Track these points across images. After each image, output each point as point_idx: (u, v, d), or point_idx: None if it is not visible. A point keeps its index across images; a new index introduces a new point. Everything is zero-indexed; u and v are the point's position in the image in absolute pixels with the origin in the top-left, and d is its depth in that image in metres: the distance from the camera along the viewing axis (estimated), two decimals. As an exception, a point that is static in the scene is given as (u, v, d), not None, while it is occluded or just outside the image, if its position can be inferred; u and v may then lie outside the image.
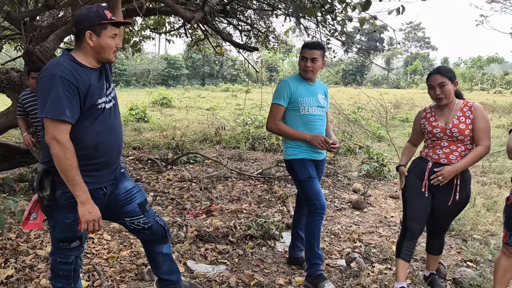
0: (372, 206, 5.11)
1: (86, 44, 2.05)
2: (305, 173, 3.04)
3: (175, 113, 15.93)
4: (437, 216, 2.86)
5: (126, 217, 2.33)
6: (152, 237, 2.44)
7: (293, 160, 3.09)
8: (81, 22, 2.04)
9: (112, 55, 2.12)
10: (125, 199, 2.31)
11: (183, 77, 42.82)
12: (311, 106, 3.06)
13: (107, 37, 2.06)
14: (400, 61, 64.45)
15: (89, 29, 2.03)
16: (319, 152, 3.12)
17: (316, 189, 3.03)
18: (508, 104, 18.09)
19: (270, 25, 7.35)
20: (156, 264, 2.55)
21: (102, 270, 3.17)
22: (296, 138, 3.05)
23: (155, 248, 2.50)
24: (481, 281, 3.14)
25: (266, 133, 8.93)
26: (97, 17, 2.03)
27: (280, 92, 3.05)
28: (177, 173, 6.38)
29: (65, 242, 2.20)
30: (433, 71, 2.78)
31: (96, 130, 2.09)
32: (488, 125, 2.69)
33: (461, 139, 2.69)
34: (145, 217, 2.37)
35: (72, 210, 2.09)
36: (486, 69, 51.67)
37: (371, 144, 8.88)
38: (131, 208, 2.32)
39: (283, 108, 3.06)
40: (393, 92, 31.22)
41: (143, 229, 2.39)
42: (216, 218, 4.49)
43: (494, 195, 5.44)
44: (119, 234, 3.91)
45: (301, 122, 3.06)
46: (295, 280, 3.15)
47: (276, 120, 3.08)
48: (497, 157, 7.82)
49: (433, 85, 2.74)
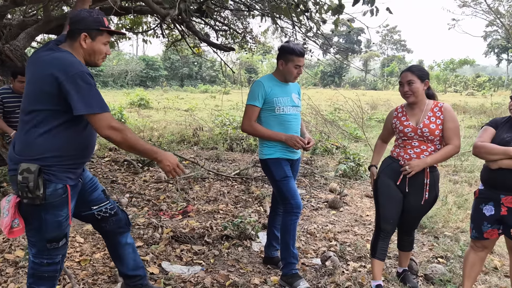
0: (348, 206, 5.17)
1: (79, 45, 2.12)
2: (281, 173, 3.06)
3: (153, 114, 15.77)
4: (408, 215, 2.91)
5: (93, 205, 2.39)
6: (118, 224, 2.50)
7: (269, 160, 3.10)
8: (79, 22, 2.11)
9: (101, 60, 2.22)
10: (91, 186, 2.39)
11: (162, 78, 42.41)
12: (286, 106, 3.08)
13: (101, 42, 2.16)
14: (377, 63, 65.52)
15: (86, 31, 2.11)
16: (294, 152, 3.14)
17: (291, 188, 3.05)
18: (479, 105, 18.61)
19: (247, 25, 7.36)
20: (123, 259, 2.57)
21: (74, 273, 3.10)
22: (272, 138, 3.06)
23: (120, 239, 2.54)
24: (451, 277, 3.22)
25: (244, 134, 8.93)
26: (96, 22, 2.12)
27: (255, 93, 3.06)
28: (153, 174, 6.31)
29: (53, 242, 2.17)
30: (405, 69, 2.86)
31: (88, 133, 2.20)
32: (457, 126, 2.76)
33: (431, 139, 2.75)
34: (110, 202, 2.47)
35: (63, 207, 2.13)
36: (458, 72, 53.12)
37: (348, 144, 8.99)
38: (97, 194, 2.41)
39: (258, 108, 3.07)
40: (370, 94, 31.72)
41: (110, 216, 2.45)
42: (192, 219, 4.47)
43: (465, 193, 5.58)
44: (93, 236, 3.84)
45: (276, 122, 3.07)
46: (270, 279, 3.16)
47: (251, 121, 3.08)
48: (468, 157, 8.03)
49: (402, 82, 2.82)
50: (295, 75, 3.07)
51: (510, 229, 2.55)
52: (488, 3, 28.88)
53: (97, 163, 6.99)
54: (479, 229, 2.66)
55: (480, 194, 2.67)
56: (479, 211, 2.65)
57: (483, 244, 2.72)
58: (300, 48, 3.05)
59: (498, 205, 2.56)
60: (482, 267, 2.85)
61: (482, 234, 2.66)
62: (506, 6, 28.98)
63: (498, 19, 29.64)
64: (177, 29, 7.36)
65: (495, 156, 2.50)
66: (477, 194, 2.71)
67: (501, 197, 2.53)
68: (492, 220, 2.60)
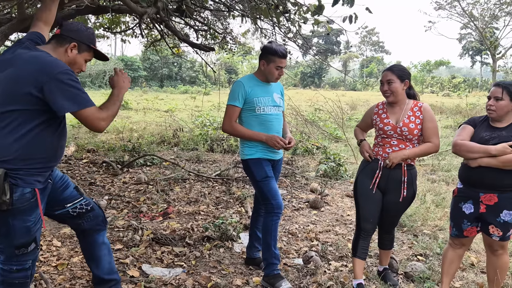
0: (329, 205, 5.21)
1: (64, 51, 2.13)
2: (262, 173, 3.05)
3: (132, 115, 15.55)
4: (387, 213, 2.95)
5: (67, 203, 2.34)
6: (95, 221, 2.45)
7: (250, 160, 3.09)
8: (73, 32, 2.15)
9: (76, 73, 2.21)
10: (62, 185, 2.35)
11: (141, 79, 41.89)
12: (267, 106, 3.07)
13: (84, 58, 2.21)
14: (357, 64, 66.37)
15: (77, 42, 2.14)
16: (275, 152, 3.14)
17: (273, 188, 3.04)
18: (454, 106, 19.03)
19: (227, 26, 7.33)
20: (98, 260, 2.52)
21: (51, 278, 3.03)
22: (252, 139, 3.06)
23: (96, 238, 2.49)
24: (430, 274, 3.27)
25: (225, 135, 8.89)
26: (89, 38, 2.19)
27: (235, 93, 3.05)
28: (133, 176, 6.22)
29: (22, 248, 2.10)
30: (386, 68, 2.90)
31: (60, 135, 2.16)
32: (436, 125, 2.82)
33: (409, 138, 2.78)
34: (84, 198, 2.42)
35: (31, 212, 2.07)
36: (435, 73, 54.30)
37: (328, 144, 9.06)
38: (69, 192, 2.37)
39: (238, 109, 3.06)
40: (349, 94, 32.06)
41: (86, 211, 2.40)
42: (173, 221, 4.42)
43: (443, 191, 5.69)
44: (70, 240, 3.75)
45: (257, 122, 3.06)
46: (252, 280, 3.15)
47: (231, 122, 3.07)
48: (445, 156, 8.20)
49: (382, 81, 2.86)
50: (276, 76, 3.06)
51: (489, 226, 2.61)
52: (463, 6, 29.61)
53: (75, 165, 6.85)
54: (459, 227, 2.72)
55: (459, 193, 2.72)
56: (458, 209, 2.70)
57: (462, 242, 2.78)
58: (282, 49, 3.05)
59: (477, 203, 2.62)
60: (460, 264, 2.91)
61: (462, 232, 2.72)
62: (480, 10, 29.78)
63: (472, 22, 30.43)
64: (156, 29, 7.27)
65: (475, 154, 2.55)
66: (456, 192, 2.76)
67: (480, 195, 2.59)
68: (472, 218, 2.66)
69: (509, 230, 2.60)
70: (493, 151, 2.48)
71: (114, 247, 3.61)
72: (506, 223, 2.56)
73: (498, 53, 30.58)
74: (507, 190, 2.54)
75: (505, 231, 2.59)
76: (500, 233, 2.59)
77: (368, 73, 57.92)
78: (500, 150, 2.47)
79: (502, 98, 2.55)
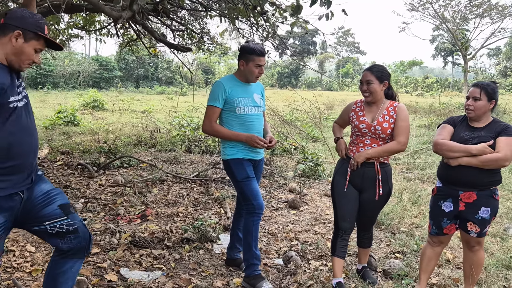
0: (308, 205, 5.24)
1: (7, 40, 1.96)
2: (243, 173, 3.04)
3: (108, 116, 15.28)
4: (365, 211, 2.99)
5: (46, 221, 2.11)
6: (77, 244, 2.20)
7: (231, 160, 3.08)
8: (17, 19, 1.97)
9: (26, 65, 2.03)
10: (43, 201, 2.12)
11: (116, 79, 41.15)
12: (247, 106, 3.07)
13: (32, 47, 2.01)
14: (332, 64, 67.07)
15: (21, 29, 1.96)
16: (257, 152, 3.14)
17: (254, 189, 3.04)
18: (428, 105, 19.49)
19: (204, 26, 7.29)
20: (56, 285, 2.24)
21: (25, 284, 2.93)
22: (232, 139, 3.05)
23: (68, 262, 2.23)
24: (408, 271, 3.33)
25: (203, 135, 8.84)
26: (36, 26, 2.00)
27: (215, 93, 3.03)
28: (109, 178, 6.10)
29: None
30: (366, 67, 2.94)
31: (9, 130, 1.93)
32: (407, 125, 2.84)
33: (383, 137, 2.84)
34: (69, 218, 2.17)
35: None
36: (408, 73, 55.47)
37: (306, 144, 9.12)
38: (50, 210, 2.13)
39: (218, 109, 3.05)
40: (326, 94, 32.37)
41: (67, 232, 2.16)
42: (152, 223, 4.35)
43: (418, 189, 5.81)
44: (45, 245, 3.65)
45: (237, 123, 3.06)
46: (233, 281, 3.13)
47: (211, 122, 3.06)
48: (420, 155, 8.38)
49: (362, 81, 2.90)
50: (256, 74, 3.06)
51: (467, 223, 2.67)
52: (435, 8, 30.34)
53: (49, 167, 6.67)
54: (439, 225, 2.78)
55: (439, 191, 2.78)
56: (438, 207, 2.76)
57: (440, 240, 2.85)
58: (260, 47, 3.06)
59: (456, 201, 2.68)
60: (437, 261, 2.97)
61: (442, 230, 2.78)
62: (451, 12, 30.57)
63: (444, 23, 31.21)
64: (132, 29, 7.16)
65: (456, 153, 2.61)
66: (435, 191, 2.82)
67: (459, 193, 2.66)
68: (451, 216, 2.72)
69: (486, 226, 2.67)
70: (474, 151, 2.55)
71: (91, 251, 3.53)
72: (483, 219, 2.63)
73: (469, 54, 31.47)
74: (485, 188, 2.62)
75: (482, 228, 2.66)
76: (478, 230, 2.66)
77: (344, 73, 58.63)
78: (480, 150, 2.54)
79: (480, 98, 2.62)
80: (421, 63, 56.01)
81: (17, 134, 1.97)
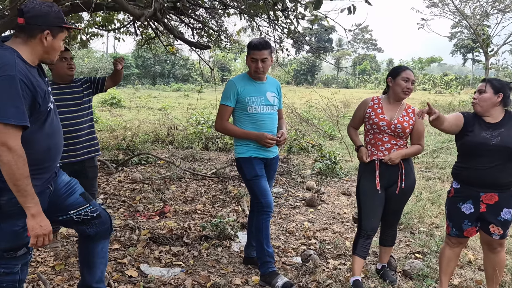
0: (326, 203, 5.21)
1: (39, 42, 1.96)
2: (252, 172, 3.05)
3: (126, 113, 15.46)
4: (391, 205, 3.01)
5: (71, 210, 2.23)
6: (101, 227, 2.34)
7: (241, 159, 3.10)
8: (40, 18, 1.93)
9: (57, 57, 2.09)
10: (66, 191, 2.24)
11: (133, 77, 41.62)
12: (259, 105, 3.07)
13: (60, 40, 2.03)
14: (349, 61, 66.46)
15: (48, 28, 1.95)
16: (268, 150, 3.13)
17: (262, 187, 3.04)
18: (447, 103, 19.16)
19: (222, 24, 7.29)
20: (93, 267, 2.42)
21: (49, 278, 2.99)
22: (243, 137, 3.07)
23: (97, 245, 2.39)
24: (428, 272, 3.28)
25: (219, 133, 8.86)
26: (58, 18, 1.99)
27: (227, 92, 3.06)
28: (128, 175, 6.18)
29: (10, 251, 2.03)
30: (409, 68, 2.97)
31: (47, 132, 2.02)
32: (424, 129, 3.01)
33: (401, 135, 2.91)
34: (91, 205, 2.30)
35: (20, 217, 1.96)
36: (427, 70, 54.63)
37: (323, 142, 9.07)
38: (74, 199, 2.25)
39: (230, 108, 3.06)
40: (342, 92, 32.12)
41: (92, 218, 2.30)
42: (170, 220, 4.39)
43: (438, 189, 5.72)
44: (67, 240, 3.72)
45: (249, 121, 3.07)
46: (251, 279, 3.14)
47: (223, 121, 3.08)
48: (440, 154, 8.25)
49: (408, 79, 2.89)
50: (253, 68, 3.03)
51: (489, 225, 2.62)
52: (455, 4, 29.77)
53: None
54: (459, 227, 2.72)
55: (456, 193, 2.73)
56: (457, 209, 2.71)
57: (459, 241, 2.80)
58: (255, 41, 3.01)
59: (477, 202, 2.63)
60: (457, 262, 2.94)
61: (462, 232, 2.73)
62: (472, 7, 29.95)
63: (465, 19, 30.60)
64: (151, 27, 7.22)
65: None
66: (452, 193, 2.77)
67: (481, 195, 2.61)
68: (473, 218, 2.67)
69: (508, 227, 2.62)
70: None
71: (112, 246, 3.58)
72: (506, 221, 2.58)
73: (490, 51, 30.79)
74: (507, 189, 2.57)
75: (505, 229, 2.61)
76: (501, 232, 2.61)
77: (361, 70, 58.03)
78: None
79: (485, 90, 2.61)
80: (440, 59, 55.12)
81: (53, 136, 2.06)
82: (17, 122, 1.81)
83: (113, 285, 2.92)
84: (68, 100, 3.30)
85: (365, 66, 58.08)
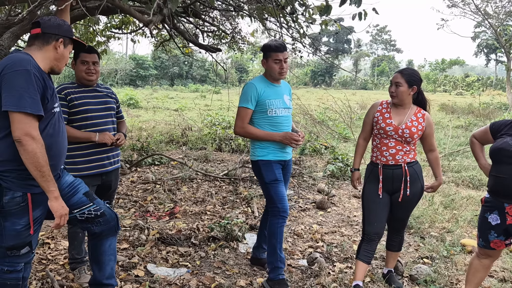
0: (336, 206, 5.19)
1: (52, 49, 2.12)
2: (271, 176, 3.04)
3: (142, 114, 15.67)
4: (397, 212, 2.98)
5: (75, 209, 2.30)
6: (106, 226, 2.43)
7: (260, 161, 3.08)
8: (55, 28, 2.12)
9: (63, 67, 2.23)
10: (69, 192, 2.30)
11: (152, 78, 42.15)
12: (278, 108, 3.07)
13: (68, 51, 2.21)
14: (367, 62, 65.81)
15: (62, 38, 2.14)
16: (286, 152, 3.14)
17: (280, 192, 3.04)
18: (467, 105, 18.79)
19: (236, 26, 7.33)
20: (102, 264, 2.51)
21: (59, 275, 3.07)
22: (265, 139, 3.05)
23: (104, 242, 2.48)
24: (436, 277, 3.24)
25: (233, 134, 8.90)
26: (69, 31, 2.19)
27: (247, 95, 3.03)
28: (141, 175, 6.27)
29: (13, 249, 2.09)
30: (398, 70, 2.93)
31: (49, 133, 2.11)
32: (434, 131, 2.99)
33: (408, 140, 2.85)
34: (94, 204, 2.37)
35: (22, 216, 2.04)
36: (448, 71, 53.65)
37: (337, 144, 9.02)
38: (77, 199, 2.32)
39: (250, 111, 3.04)
40: (360, 93, 31.85)
41: (96, 217, 2.37)
42: (179, 220, 4.44)
43: (452, 193, 5.63)
44: (78, 238, 3.79)
45: (268, 124, 3.06)
46: (256, 281, 3.15)
47: (244, 124, 3.06)
48: (456, 157, 8.10)
49: (391, 82, 2.90)
50: (277, 70, 3.03)
51: None
52: (476, 4, 29.16)
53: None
54: (486, 238, 2.63)
55: (486, 203, 2.65)
56: (484, 219, 2.62)
57: (488, 253, 2.69)
58: (275, 43, 3.03)
59: (503, 214, 2.52)
60: (486, 274, 2.81)
61: (489, 243, 2.62)
62: (494, 7, 29.28)
63: (486, 19, 29.95)
64: (165, 29, 7.31)
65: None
66: (483, 202, 2.68)
67: (505, 206, 2.51)
68: (500, 230, 2.55)
69: None
70: None
71: (120, 246, 3.64)
72: None
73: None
74: None
75: None
76: None
77: (380, 71, 57.38)
78: None
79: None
80: (463, 62, 54.13)
81: (54, 137, 2.14)
82: (33, 111, 1.94)
83: (119, 284, 2.97)
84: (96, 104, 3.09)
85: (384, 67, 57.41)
